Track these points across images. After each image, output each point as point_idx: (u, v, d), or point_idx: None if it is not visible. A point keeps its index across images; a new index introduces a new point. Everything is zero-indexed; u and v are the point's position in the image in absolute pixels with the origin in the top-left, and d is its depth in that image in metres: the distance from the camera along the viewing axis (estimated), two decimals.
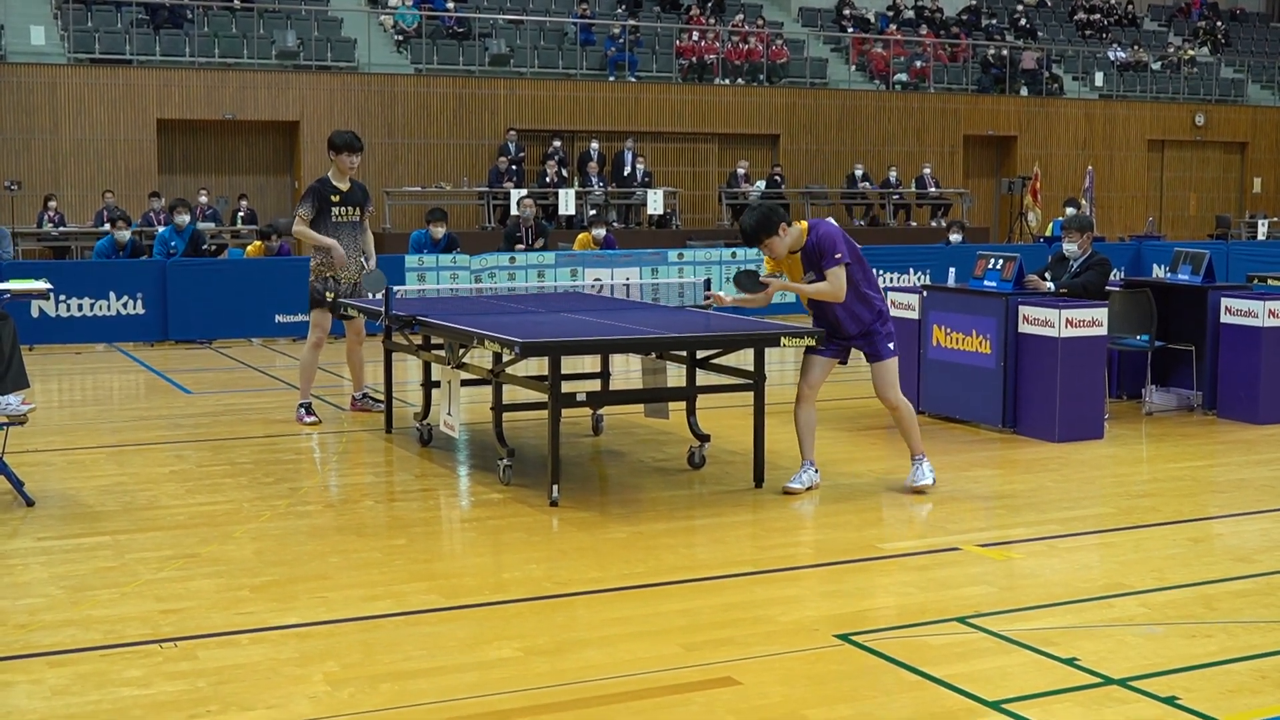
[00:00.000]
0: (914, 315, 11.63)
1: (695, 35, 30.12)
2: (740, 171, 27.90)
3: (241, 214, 23.86)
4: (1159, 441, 10.76)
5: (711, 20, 31.28)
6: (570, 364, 10.73)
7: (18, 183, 22.69)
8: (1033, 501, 8.63)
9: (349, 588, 6.67)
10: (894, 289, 12.40)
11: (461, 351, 9.23)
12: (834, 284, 8.35)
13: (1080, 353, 10.45)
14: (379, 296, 10.02)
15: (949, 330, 11.26)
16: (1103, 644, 5.83)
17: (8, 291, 8.42)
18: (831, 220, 8.73)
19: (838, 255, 8.30)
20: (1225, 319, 11.46)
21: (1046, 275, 11.56)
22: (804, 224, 8.46)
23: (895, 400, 8.66)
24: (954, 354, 11.21)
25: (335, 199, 11.02)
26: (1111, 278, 11.83)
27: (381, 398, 11.16)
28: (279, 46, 26.36)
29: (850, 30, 33.07)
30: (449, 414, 9.27)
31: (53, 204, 22.89)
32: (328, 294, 11.01)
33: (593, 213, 24.16)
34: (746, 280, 8.43)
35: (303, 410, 11.18)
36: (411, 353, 10.50)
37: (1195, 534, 7.94)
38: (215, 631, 5.98)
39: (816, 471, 8.79)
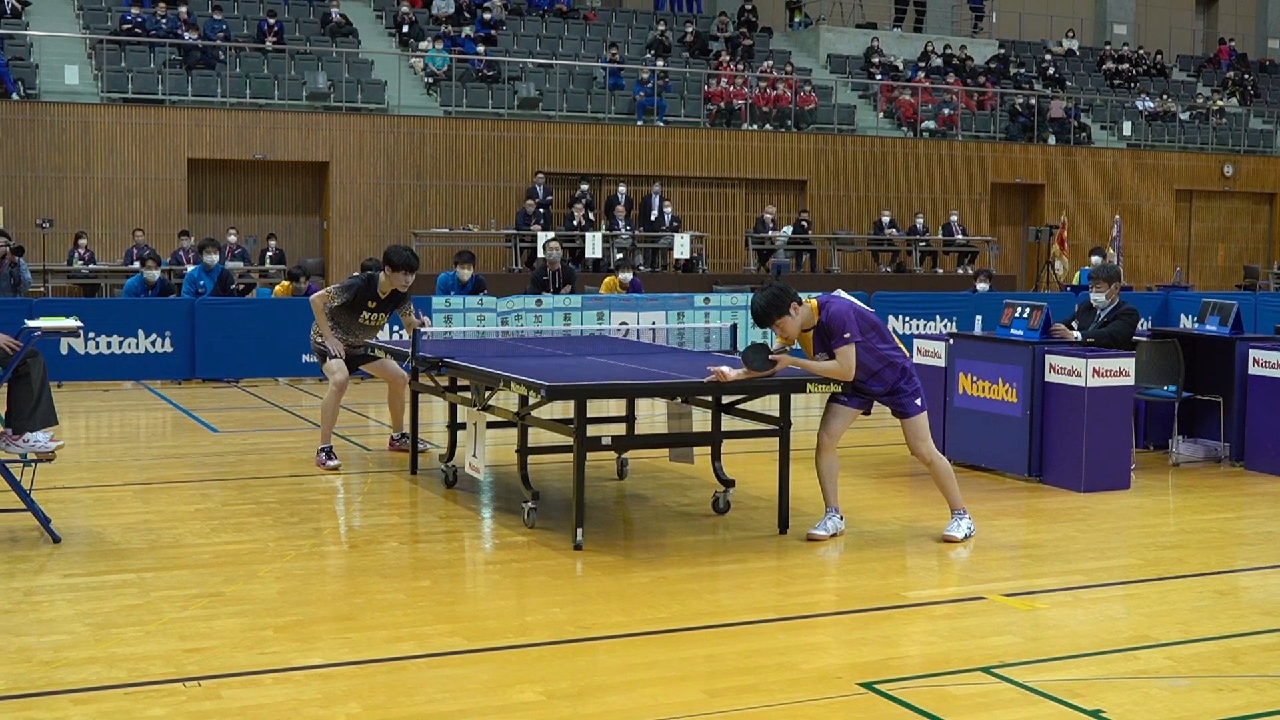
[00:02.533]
0: (940, 363, 11.62)
1: (723, 81, 30.24)
2: (767, 217, 27.95)
3: (270, 254, 23.98)
4: (1186, 493, 10.71)
5: (740, 66, 31.40)
6: (596, 407, 10.73)
7: (49, 220, 22.86)
8: (1058, 551, 8.59)
9: (372, 629, 6.67)
10: (920, 336, 12.39)
11: (488, 394, 9.25)
12: (843, 363, 8.31)
13: (1107, 403, 10.42)
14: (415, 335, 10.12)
15: (975, 378, 11.24)
16: (1128, 696, 5.79)
17: (38, 329, 8.47)
18: (842, 294, 8.63)
19: (846, 335, 8.28)
20: (1253, 370, 11.41)
21: (1073, 324, 11.53)
22: (814, 302, 8.40)
23: (928, 455, 8.64)
24: (980, 402, 11.19)
25: (371, 304, 11.06)
26: (1139, 328, 11.81)
27: (419, 441, 11.20)
28: (310, 88, 26.54)
29: (878, 77, 33.15)
30: (474, 456, 9.28)
31: (83, 242, 23.05)
32: (330, 350, 11.11)
33: (619, 256, 24.22)
34: (755, 356, 8.34)
35: (323, 455, 11.18)
36: (438, 394, 10.53)
37: (1222, 586, 7.89)
38: (239, 671, 5.99)
39: (841, 518, 8.77)
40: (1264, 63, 41.52)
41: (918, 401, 8.56)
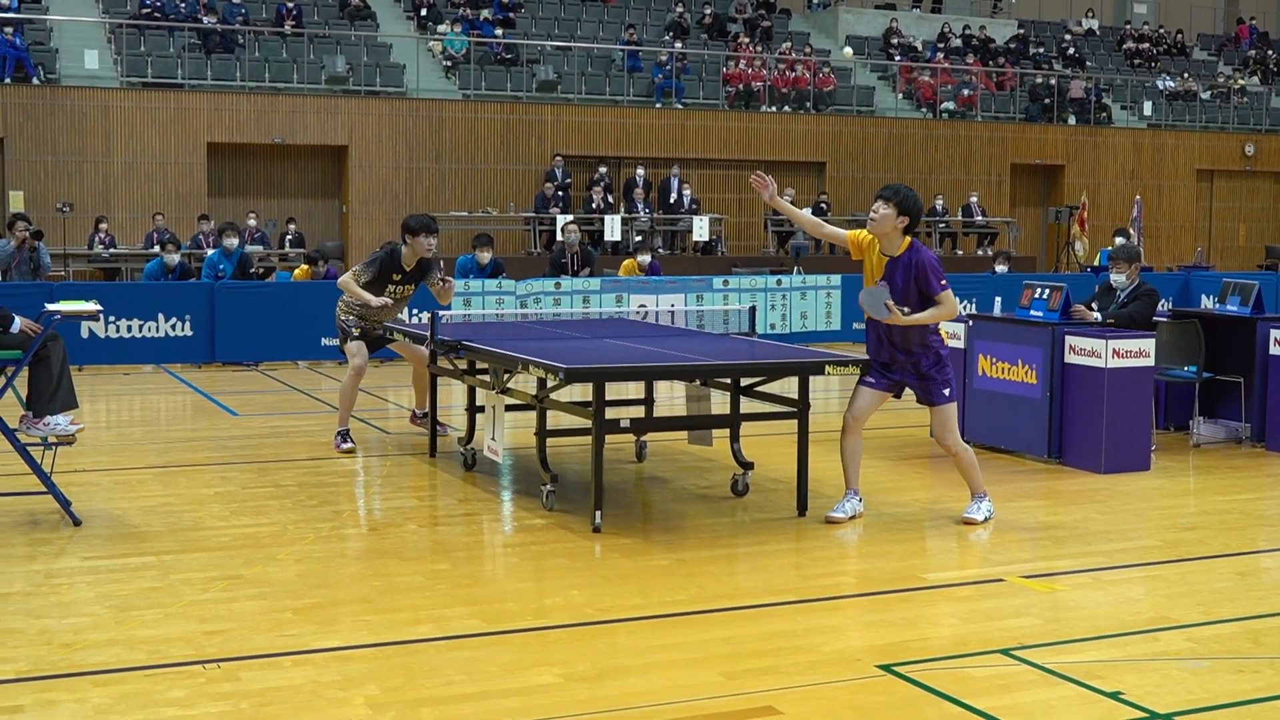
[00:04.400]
0: (960, 344, 11.58)
1: (742, 63, 30.18)
2: (786, 199, 27.82)
3: (289, 237, 24.01)
4: (1206, 474, 10.67)
5: (759, 48, 31.34)
6: (614, 390, 10.73)
7: (70, 205, 22.93)
8: (1078, 533, 8.56)
9: (391, 611, 6.68)
10: None
11: (506, 376, 9.25)
12: (948, 306, 8.31)
13: (1127, 384, 10.38)
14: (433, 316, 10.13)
15: (995, 360, 11.21)
16: (1148, 678, 5.77)
17: (58, 313, 8.49)
18: (917, 244, 8.50)
19: (944, 282, 8.29)
20: (1274, 350, 11.36)
21: (1093, 305, 11.49)
22: (908, 239, 8.35)
23: (954, 446, 8.59)
24: (1000, 384, 11.16)
25: (396, 277, 11.05)
26: (1159, 308, 11.76)
27: (438, 423, 11.23)
28: (328, 71, 26.55)
29: (898, 58, 33.05)
30: (493, 439, 9.29)
31: (103, 226, 23.11)
32: (353, 330, 11.10)
33: (638, 239, 24.20)
34: (872, 299, 8.27)
35: (339, 438, 11.19)
36: (456, 377, 10.53)
37: (1243, 568, 7.86)
38: (258, 653, 6.00)
39: (860, 500, 8.75)
40: None
41: (946, 391, 8.46)
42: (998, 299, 12.31)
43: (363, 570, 7.55)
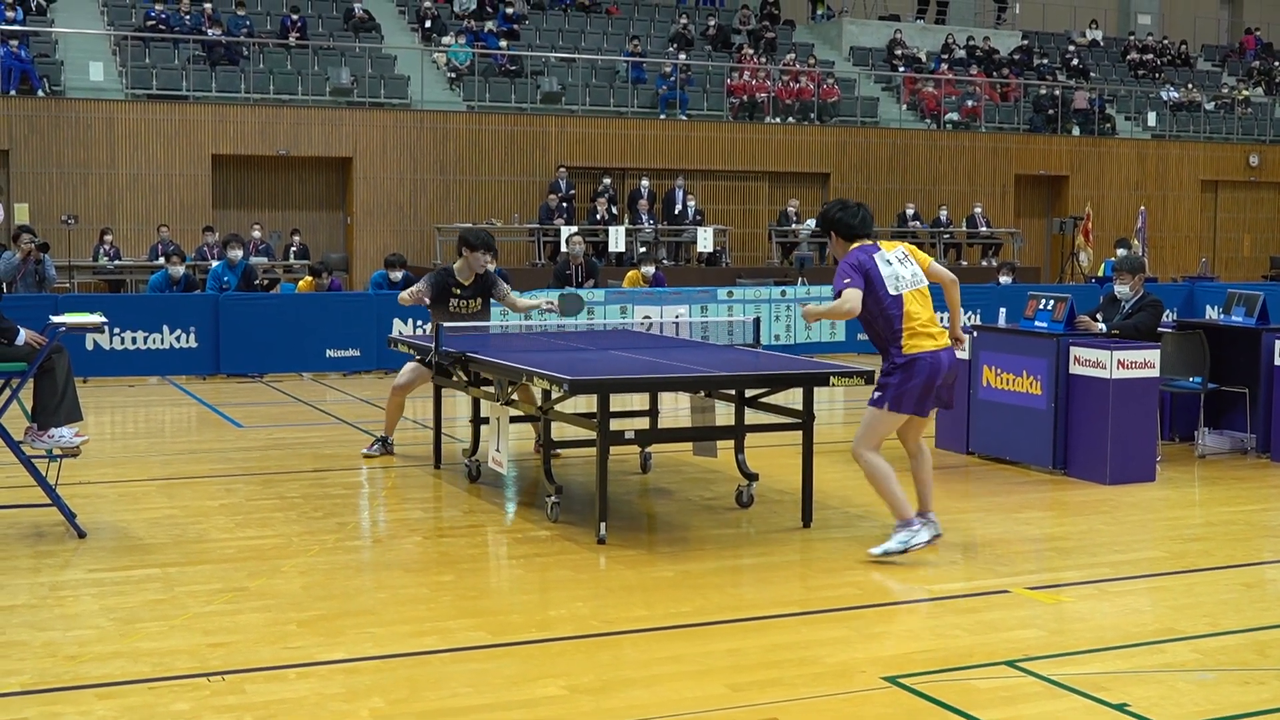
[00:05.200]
0: (964, 355, 11.57)
1: (746, 74, 30.19)
2: (791, 210, 27.89)
3: (294, 249, 24.02)
4: (1212, 485, 10.66)
5: (763, 59, 31.35)
6: (619, 401, 10.73)
7: (74, 216, 22.95)
8: (1083, 544, 8.55)
9: (396, 623, 6.68)
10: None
11: (511, 388, 9.25)
12: (837, 303, 7.93)
13: (1132, 394, 10.37)
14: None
15: (1000, 371, 11.21)
16: (1154, 690, 5.76)
17: (63, 325, 8.50)
18: (865, 246, 8.05)
19: (846, 280, 7.84)
20: (1279, 361, 11.35)
21: (1098, 316, 11.48)
22: (856, 245, 8.01)
23: (855, 451, 8.03)
24: (1005, 394, 11.15)
25: (456, 291, 10.95)
26: (1164, 319, 11.75)
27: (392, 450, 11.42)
28: (333, 83, 26.58)
29: (901, 69, 33.07)
30: (497, 450, 9.29)
31: (108, 238, 23.11)
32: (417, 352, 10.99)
33: (643, 250, 24.19)
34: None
35: (378, 442, 11.32)
36: (461, 389, 10.53)
37: (1248, 579, 7.85)
38: (263, 666, 6.00)
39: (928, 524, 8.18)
40: None
41: (876, 394, 7.95)
42: (1002, 310, 12.32)
43: (367, 582, 7.55)
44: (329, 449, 11.79)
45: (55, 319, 8.60)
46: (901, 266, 7.96)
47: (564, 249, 21.70)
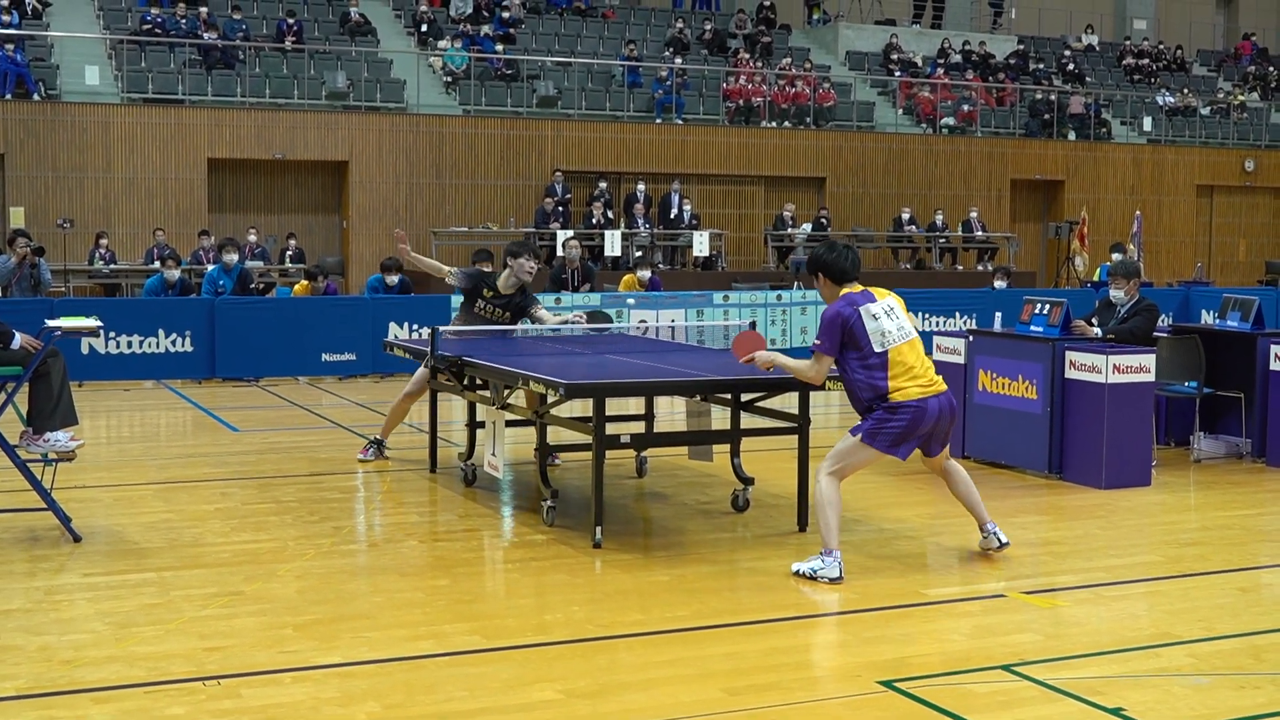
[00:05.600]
0: (960, 360, 11.58)
1: (742, 78, 30.21)
2: (787, 214, 27.90)
3: (290, 253, 24.02)
4: (1207, 489, 10.67)
5: (759, 63, 31.37)
6: (614, 406, 10.73)
7: (70, 220, 22.93)
8: (1079, 549, 8.56)
9: (391, 627, 6.68)
10: (939, 333, 12.37)
11: (506, 392, 9.25)
12: (808, 367, 7.93)
13: (1128, 399, 10.38)
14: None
15: (995, 375, 11.21)
16: (1149, 694, 5.77)
17: (59, 329, 8.50)
18: (852, 295, 7.83)
19: (818, 340, 7.82)
20: (1274, 366, 11.36)
21: (1093, 321, 11.50)
22: (846, 291, 7.84)
23: (818, 470, 7.88)
24: (1000, 399, 11.16)
25: (488, 294, 10.80)
26: (1159, 324, 11.76)
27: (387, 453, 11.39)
28: (329, 87, 26.58)
29: (897, 74, 33.09)
30: (493, 454, 9.29)
31: (104, 241, 23.11)
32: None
33: (638, 254, 24.20)
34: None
35: (372, 445, 11.30)
36: (456, 393, 10.53)
37: (1244, 584, 7.86)
38: (258, 670, 6.00)
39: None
40: None
41: (866, 429, 7.73)
42: (998, 314, 12.31)
43: (363, 586, 7.54)
44: (325, 453, 11.78)
45: (51, 323, 8.59)
46: (888, 320, 7.72)
47: (560, 253, 21.70)
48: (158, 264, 19.79)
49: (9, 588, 7.30)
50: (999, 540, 8.17)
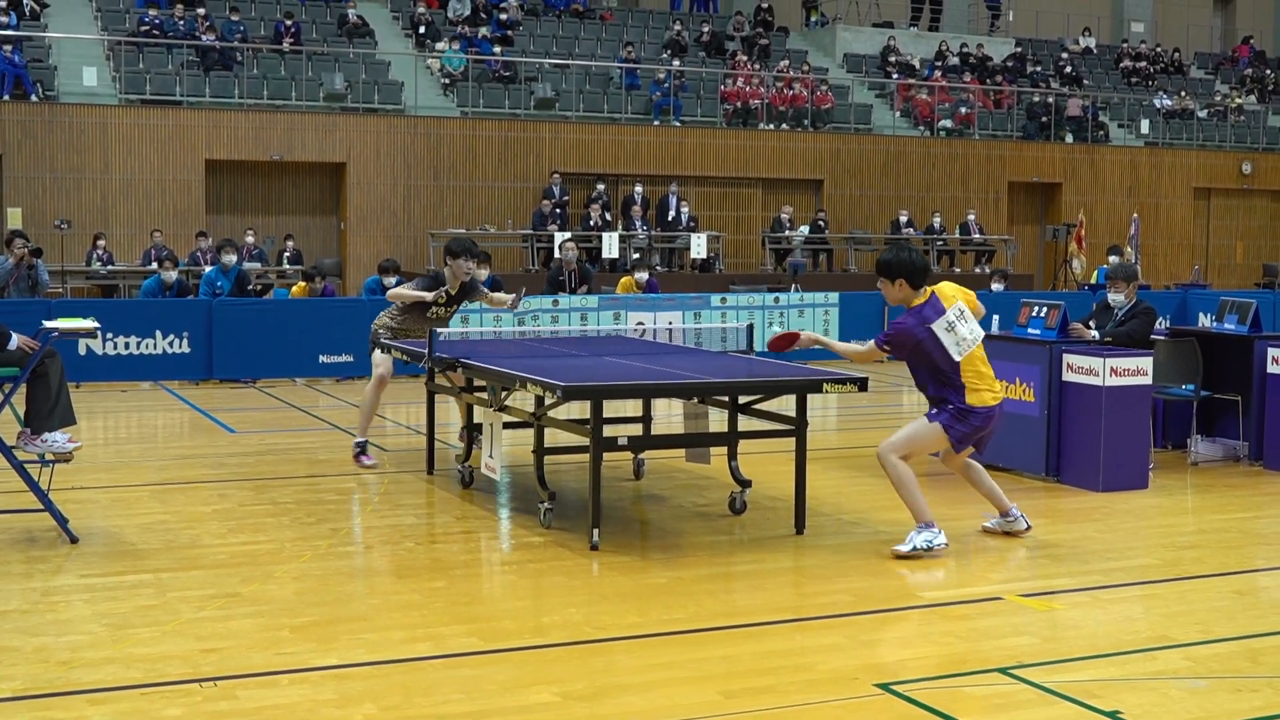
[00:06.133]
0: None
1: (740, 80, 30.22)
2: (784, 216, 27.92)
3: (287, 254, 24.02)
4: (1204, 492, 10.67)
5: (756, 66, 31.38)
6: (612, 408, 10.72)
7: (67, 221, 22.92)
8: (1076, 551, 8.56)
9: (388, 629, 6.67)
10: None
11: (504, 394, 9.25)
12: (864, 347, 8.46)
13: (1125, 402, 10.38)
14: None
15: None
16: (1146, 697, 5.77)
17: (56, 330, 8.49)
18: (924, 311, 8.08)
19: (884, 339, 8.25)
20: (1272, 369, 11.37)
21: (1091, 323, 11.50)
22: (924, 297, 8.11)
23: (882, 453, 8.28)
24: None
25: (441, 299, 10.95)
26: (1157, 326, 11.76)
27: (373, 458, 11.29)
28: (327, 89, 26.58)
29: (895, 76, 33.10)
30: (490, 456, 9.28)
31: (101, 243, 23.11)
32: (382, 339, 10.96)
33: (636, 256, 24.20)
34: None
35: (359, 449, 11.19)
36: (454, 394, 10.52)
37: (1241, 586, 7.86)
38: (255, 671, 5.99)
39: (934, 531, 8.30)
40: None
41: (936, 412, 8.23)
42: (995, 317, 12.29)
43: (360, 588, 7.54)
44: (322, 454, 11.78)
45: (48, 324, 8.59)
46: (962, 325, 8.11)
47: (557, 255, 21.71)
48: (155, 265, 19.79)
49: (6, 589, 7.30)
50: (1025, 522, 8.72)
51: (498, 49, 29.40)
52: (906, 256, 8.17)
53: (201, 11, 27.42)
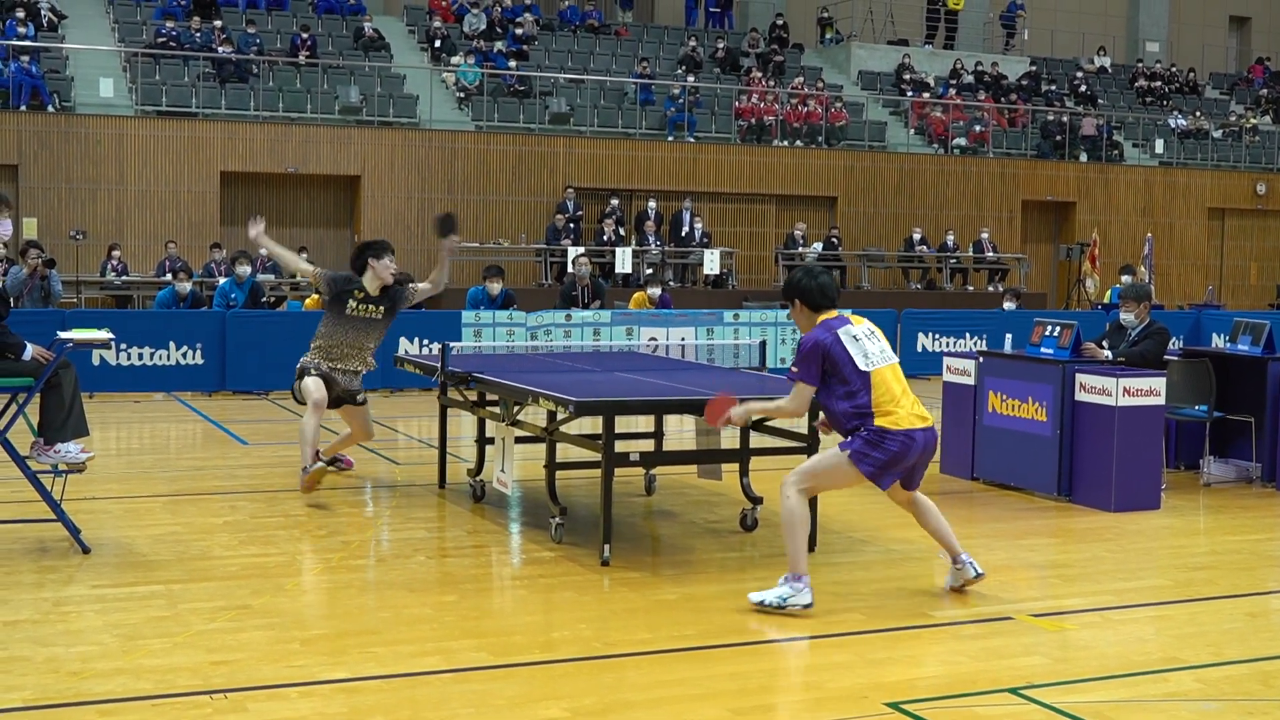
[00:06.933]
0: (969, 381, 11.58)
1: (754, 97, 30.26)
2: (798, 233, 27.93)
3: None
4: (1217, 513, 10.65)
5: (771, 82, 31.41)
6: (624, 423, 10.73)
7: (83, 232, 22.99)
8: (1088, 572, 8.54)
9: (398, 643, 6.68)
10: (949, 354, 12.35)
11: (516, 409, 9.26)
12: (786, 399, 7.67)
13: (1138, 422, 10.36)
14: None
15: (1005, 397, 11.20)
16: (1157, 719, 5.75)
17: (70, 340, 8.52)
18: (829, 321, 7.48)
19: (794, 369, 7.49)
20: None
21: (1104, 343, 11.48)
22: (823, 318, 7.51)
23: (784, 484, 7.51)
24: (1010, 420, 11.14)
25: (359, 294, 10.76)
26: (1170, 347, 11.75)
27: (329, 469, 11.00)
28: (342, 102, 26.65)
29: (909, 94, 33.11)
30: (502, 471, 9.29)
31: (116, 253, 23.16)
32: (311, 370, 10.69)
33: (649, 272, 24.21)
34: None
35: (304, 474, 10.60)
36: (466, 409, 10.53)
37: (1253, 609, 7.84)
38: (265, 684, 6.00)
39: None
40: None
41: (851, 443, 7.42)
42: (1008, 336, 12.30)
43: (371, 602, 7.55)
44: (333, 467, 11.77)
45: (62, 334, 8.62)
46: (871, 342, 7.47)
47: (570, 270, 21.71)
48: (169, 276, 19.82)
49: (17, 598, 7.31)
50: (974, 570, 7.78)
51: (513, 63, 29.46)
52: (802, 278, 7.60)
53: (218, 24, 27.53)
